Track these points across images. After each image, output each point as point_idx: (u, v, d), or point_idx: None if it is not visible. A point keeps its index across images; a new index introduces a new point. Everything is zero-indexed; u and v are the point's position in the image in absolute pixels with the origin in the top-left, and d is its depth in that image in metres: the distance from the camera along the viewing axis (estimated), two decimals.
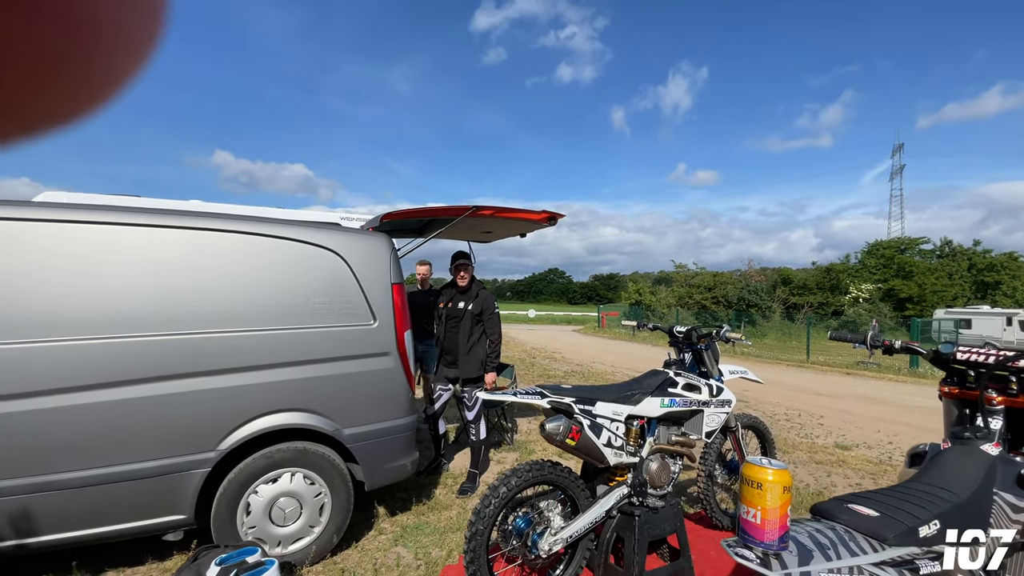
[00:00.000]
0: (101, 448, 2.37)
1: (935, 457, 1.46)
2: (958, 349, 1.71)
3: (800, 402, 8.53)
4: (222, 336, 2.61)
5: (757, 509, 0.94)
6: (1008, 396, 1.58)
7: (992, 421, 1.57)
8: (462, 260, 4.03)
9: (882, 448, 5.76)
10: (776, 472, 0.96)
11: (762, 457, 1.01)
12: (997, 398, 1.59)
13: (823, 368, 14.13)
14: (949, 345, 1.73)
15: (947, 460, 1.40)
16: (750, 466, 0.99)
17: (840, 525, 1.07)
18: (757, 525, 0.94)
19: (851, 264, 40.59)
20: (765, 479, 0.94)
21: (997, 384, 1.61)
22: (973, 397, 1.66)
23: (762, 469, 0.97)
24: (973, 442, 1.49)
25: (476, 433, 4.03)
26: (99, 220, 2.43)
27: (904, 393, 10.03)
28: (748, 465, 1.00)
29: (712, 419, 2.91)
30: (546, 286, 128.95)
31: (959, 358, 1.70)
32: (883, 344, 1.94)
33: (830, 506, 1.15)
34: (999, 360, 1.59)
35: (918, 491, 1.24)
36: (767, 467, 0.97)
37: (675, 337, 3.12)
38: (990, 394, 1.59)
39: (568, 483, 2.48)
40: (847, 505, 1.14)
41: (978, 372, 1.65)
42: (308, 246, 2.87)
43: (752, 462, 1.00)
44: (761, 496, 0.93)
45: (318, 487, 2.84)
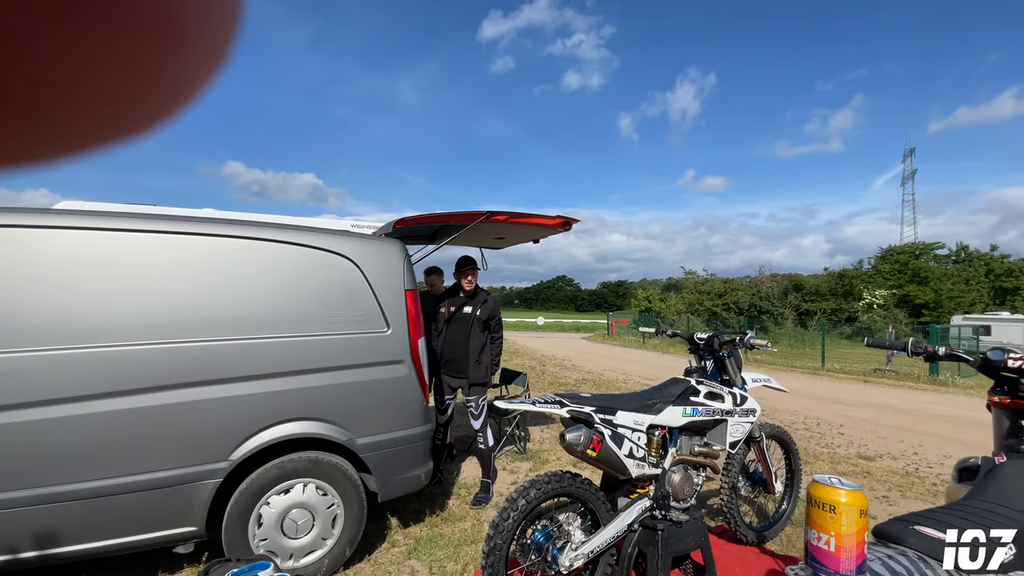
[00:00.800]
0: (111, 459, 2.33)
1: (992, 472, 1.36)
2: (1009, 356, 1.61)
3: (818, 410, 8.34)
4: (233, 344, 2.57)
5: (830, 535, 0.85)
6: None
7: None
8: (470, 265, 3.98)
9: (907, 459, 5.59)
10: (850, 493, 0.87)
11: (831, 476, 0.92)
12: None
13: (839, 376, 13.87)
14: (999, 352, 1.63)
15: (1007, 475, 1.31)
16: (820, 486, 0.90)
17: (911, 551, 0.99)
18: (831, 553, 0.85)
19: (864, 270, 40.05)
20: (838, 501, 0.85)
21: None
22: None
23: (834, 490, 0.88)
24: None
25: (484, 441, 3.95)
26: (111, 227, 2.41)
27: (925, 401, 9.79)
28: (817, 485, 0.91)
29: (736, 429, 2.80)
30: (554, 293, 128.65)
31: (1011, 365, 1.61)
32: (925, 351, 1.84)
33: (895, 529, 1.06)
34: None
35: (982, 510, 1.14)
36: (839, 487, 0.88)
37: (696, 344, 3.03)
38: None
39: (588, 495, 2.39)
40: (913, 527, 1.05)
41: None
42: (321, 252, 2.83)
43: (821, 481, 0.91)
44: (835, 520, 0.84)
45: (331, 498, 2.78)
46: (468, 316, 3.96)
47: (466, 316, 3.96)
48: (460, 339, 3.96)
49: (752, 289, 34.92)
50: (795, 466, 3.40)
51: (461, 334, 3.96)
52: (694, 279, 39.16)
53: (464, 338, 3.96)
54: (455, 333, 3.97)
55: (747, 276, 39.11)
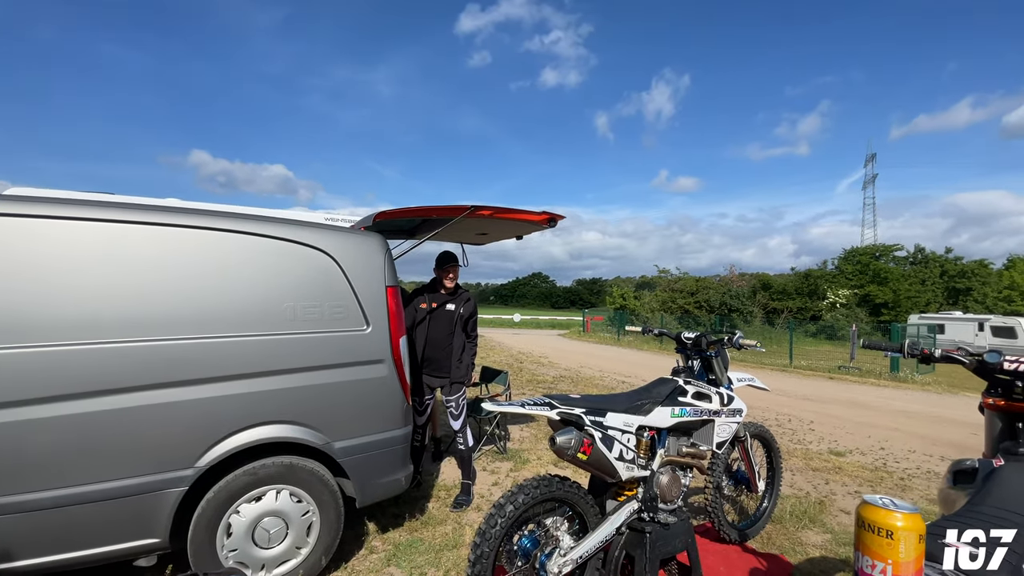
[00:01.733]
0: (65, 467, 2.14)
1: (992, 475, 1.35)
2: (1005, 358, 1.61)
3: (789, 407, 8.54)
4: (200, 343, 2.40)
5: (887, 563, 0.79)
6: None
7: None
8: (452, 261, 3.87)
9: (875, 454, 5.75)
10: (908, 517, 0.81)
11: (882, 496, 0.87)
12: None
13: (806, 372, 14.29)
14: (995, 354, 1.63)
15: (1010, 479, 1.30)
16: (873, 509, 0.84)
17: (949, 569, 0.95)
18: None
19: (828, 270, 41.47)
20: (895, 526, 0.80)
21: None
22: (1021, 409, 1.57)
23: (890, 514, 0.82)
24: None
25: (464, 442, 3.86)
26: (64, 215, 2.20)
27: (887, 397, 10.16)
28: (869, 507, 0.85)
29: (723, 429, 2.79)
30: (530, 290, 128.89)
31: (1006, 367, 1.61)
32: (921, 352, 1.84)
33: (930, 546, 1.02)
34: None
35: (995, 517, 1.12)
36: (895, 511, 0.82)
37: (683, 343, 3.00)
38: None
39: (577, 499, 2.33)
40: (939, 541, 1.02)
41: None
42: (296, 245, 2.68)
43: (873, 503, 0.85)
44: (892, 548, 0.78)
45: (305, 505, 2.64)
46: (451, 314, 3.85)
47: (449, 314, 3.85)
48: (442, 337, 3.85)
49: (723, 288, 35.74)
50: (776, 465, 3.43)
51: (443, 332, 3.85)
52: (667, 277, 39.86)
53: (447, 336, 3.86)
54: (437, 331, 3.85)
55: (718, 275, 40.04)
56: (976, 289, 35.93)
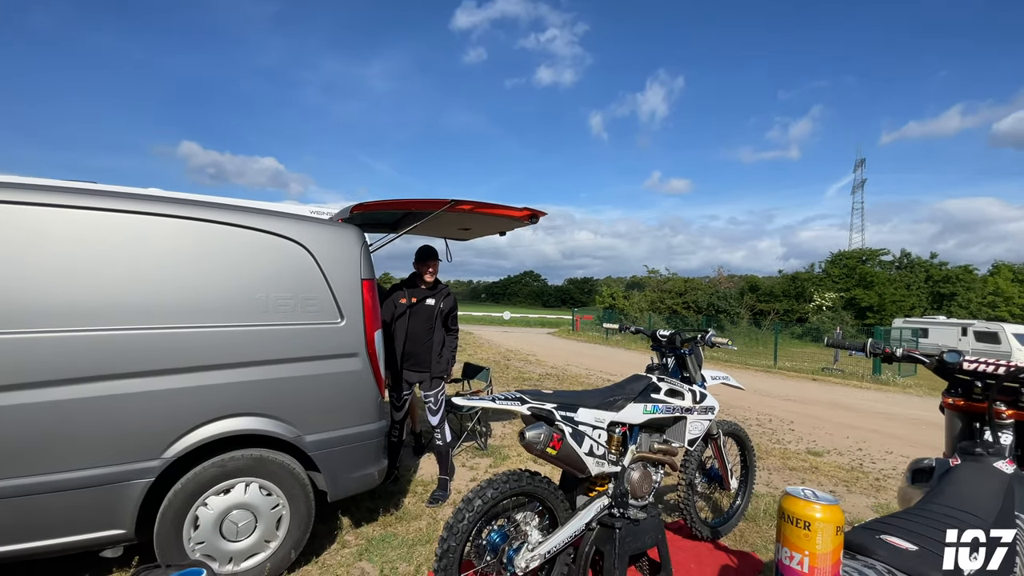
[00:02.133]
0: (27, 455, 2.10)
1: (946, 475, 1.37)
2: (964, 359, 1.64)
3: (770, 407, 8.63)
4: (170, 332, 2.36)
5: (804, 554, 0.80)
6: (1019, 410, 1.51)
7: (1002, 436, 1.50)
8: (432, 256, 3.87)
9: (853, 454, 5.83)
10: (827, 508, 0.81)
11: (804, 488, 0.87)
12: (1007, 411, 1.52)
13: (790, 374, 14.44)
14: (955, 354, 1.66)
15: (961, 478, 1.32)
16: (793, 500, 0.85)
17: (880, 563, 0.96)
18: (804, 574, 0.80)
19: (815, 273, 41.95)
20: (813, 517, 0.80)
21: (1006, 397, 1.54)
22: (980, 410, 1.59)
23: (808, 504, 0.82)
24: (985, 458, 1.41)
25: (441, 437, 3.86)
26: (29, 200, 2.16)
27: (868, 399, 10.29)
28: (791, 499, 0.86)
29: (695, 426, 2.81)
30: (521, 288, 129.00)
31: (965, 368, 1.63)
32: (883, 352, 1.86)
33: (863, 539, 1.03)
34: (1010, 371, 1.52)
35: (942, 515, 1.14)
36: (815, 502, 0.82)
37: (658, 341, 3.02)
38: (999, 407, 1.52)
39: (547, 494, 2.33)
40: (880, 537, 1.03)
41: (986, 383, 1.58)
42: (269, 236, 2.64)
43: (794, 494, 0.86)
44: (809, 539, 0.79)
45: (275, 498, 2.62)
46: (431, 309, 3.85)
47: (428, 309, 3.85)
48: (423, 332, 3.84)
49: (711, 289, 36.03)
50: (750, 463, 3.46)
51: (424, 327, 3.84)
52: (657, 278, 40.09)
53: (426, 332, 3.85)
54: (416, 326, 3.84)
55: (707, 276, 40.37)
56: (960, 294, 36.53)
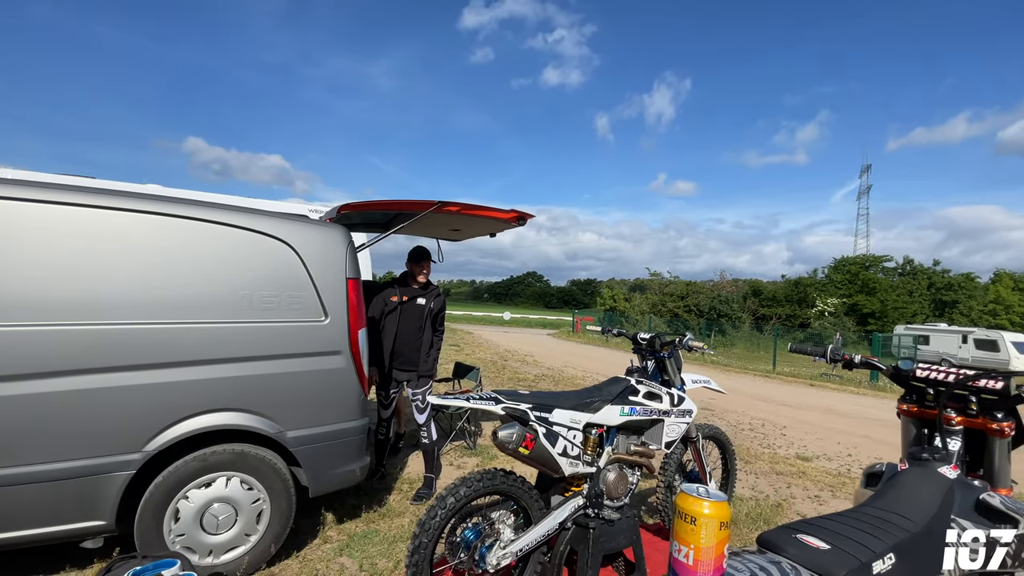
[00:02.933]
0: (9, 446, 2.15)
1: (891, 479, 1.40)
2: (918, 366, 1.66)
3: (764, 412, 8.63)
4: (154, 327, 2.41)
5: (689, 548, 0.83)
6: (967, 416, 1.54)
7: (951, 442, 1.53)
8: (426, 256, 3.93)
9: (841, 460, 5.84)
10: (713, 505, 0.85)
11: (699, 486, 0.90)
12: (956, 418, 1.54)
13: (788, 379, 14.42)
14: (908, 362, 1.68)
15: (903, 482, 1.34)
16: (684, 497, 0.88)
17: (786, 560, 0.98)
18: (688, 566, 0.83)
19: (819, 278, 41.85)
20: (700, 513, 0.84)
21: (957, 403, 1.57)
22: (932, 416, 1.62)
23: (697, 501, 0.86)
24: (931, 463, 1.44)
25: (428, 436, 3.90)
26: (9, 196, 2.20)
27: (864, 406, 10.28)
28: (682, 496, 0.89)
29: (672, 429, 2.83)
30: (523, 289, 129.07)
31: (918, 375, 1.66)
32: (843, 358, 1.89)
33: (777, 537, 1.06)
34: (959, 379, 1.55)
35: (873, 517, 1.16)
36: (703, 499, 0.86)
37: (638, 344, 3.05)
38: (949, 414, 1.54)
39: (521, 493, 2.37)
40: (796, 536, 1.06)
41: (937, 390, 1.60)
42: (254, 234, 2.69)
43: (687, 492, 0.89)
44: (695, 533, 0.82)
45: (256, 493, 2.66)
46: (421, 308, 3.90)
47: (419, 308, 3.90)
48: (412, 332, 3.89)
49: (713, 293, 35.96)
50: (731, 466, 3.48)
51: (414, 326, 3.89)
52: (659, 280, 40.05)
53: (417, 331, 3.90)
54: (407, 325, 3.89)
55: (710, 280, 40.28)
56: (962, 302, 36.39)
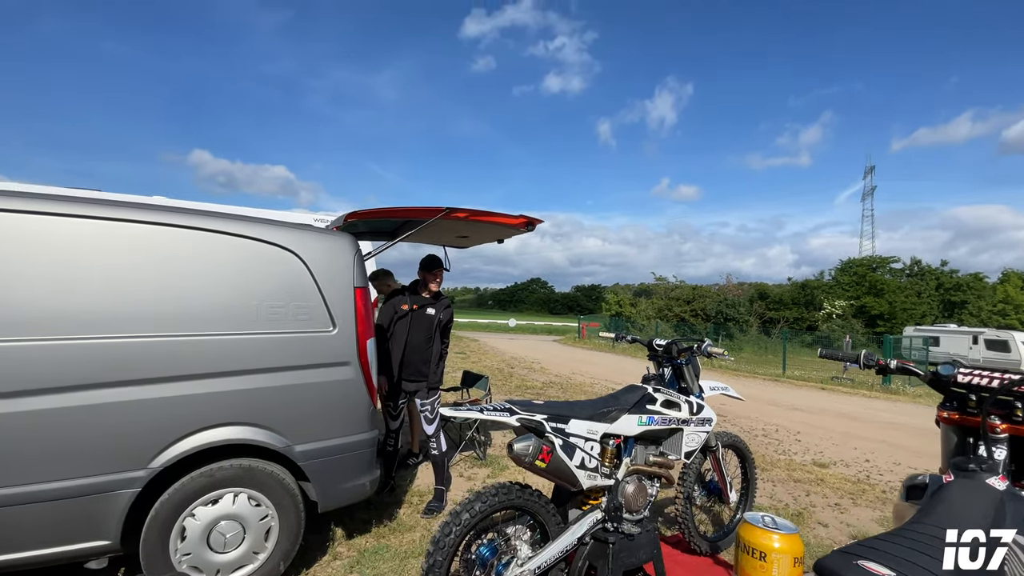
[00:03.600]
0: (11, 464, 2.09)
1: (938, 492, 1.32)
2: (959, 371, 1.58)
3: (777, 417, 8.49)
4: (158, 341, 2.35)
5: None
6: (1013, 424, 1.45)
7: (996, 451, 1.44)
8: (439, 265, 3.87)
9: (859, 466, 5.70)
10: (785, 538, 0.78)
11: (764, 514, 0.83)
12: (1001, 425, 1.46)
13: (799, 383, 14.23)
14: (949, 367, 1.60)
15: (951, 496, 1.26)
16: (751, 528, 0.81)
17: None
18: None
19: (825, 281, 41.51)
20: (770, 547, 0.77)
21: (1001, 410, 1.48)
22: (974, 424, 1.53)
23: (766, 533, 0.79)
24: (978, 475, 1.35)
25: (437, 447, 3.81)
26: (16, 209, 2.16)
27: (877, 409, 10.11)
28: (748, 527, 0.82)
29: (692, 438, 2.74)
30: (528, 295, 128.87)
31: (960, 381, 1.57)
32: (877, 363, 1.80)
33: (837, 565, 0.98)
34: (1004, 384, 1.47)
35: (927, 536, 1.08)
36: (772, 531, 0.78)
37: (654, 351, 2.97)
38: (993, 421, 1.46)
39: (537, 508, 2.28)
40: (857, 563, 0.98)
41: (980, 396, 1.52)
42: (261, 244, 2.63)
43: (753, 522, 0.82)
44: (765, 570, 0.75)
45: (264, 509, 2.59)
46: (431, 319, 3.83)
47: (429, 318, 3.83)
48: (422, 342, 3.83)
49: (719, 296, 35.75)
50: (750, 475, 3.38)
51: (423, 336, 3.83)
52: (664, 285, 39.86)
53: (426, 341, 3.84)
54: (416, 335, 3.82)
55: (716, 284, 40.07)
56: (971, 302, 35.97)
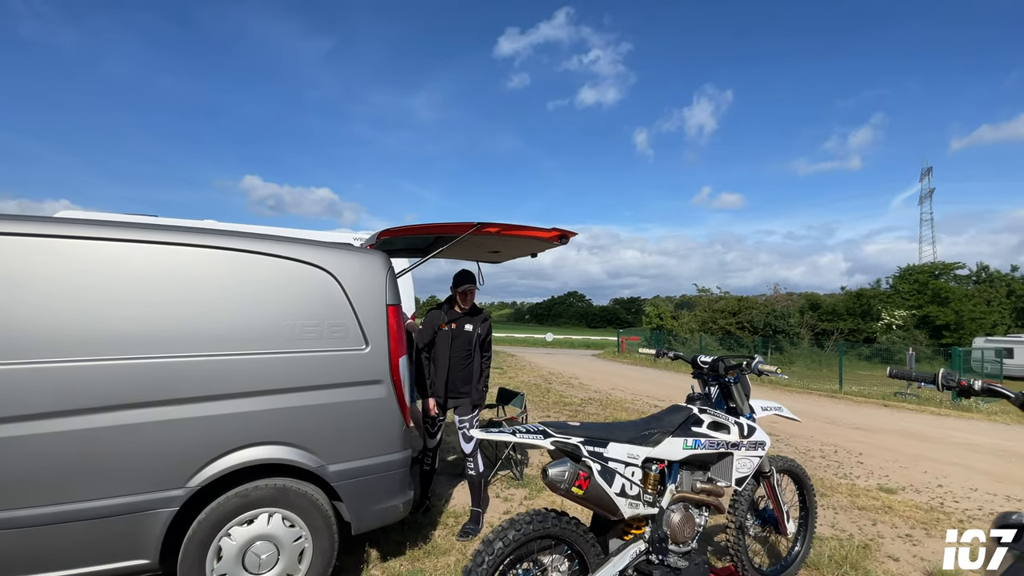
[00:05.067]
0: (55, 483, 2.14)
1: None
2: None
3: (836, 437, 7.93)
4: (195, 361, 2.38)
5: None
6: None
7: None
8: (470, 281, 3.80)
9: (931, 492, 5.21)
10: None
11: None
12: None
13: (858, 399, 13.35)
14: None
15: None
16: None
17: None
18: None
19: (883, 289, 39.15)
20: None
21: None
22: None
23: None
24: None
25: (475, 467, 3.71)
26: (57, 234, 2.25)
27: (948, 428, 9.31)
28: None
29: (743, 463, 2.55)
30: (565, 309, 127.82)
31: None
32: (959, 384, 1.58)
33: None
34: None
35: None
36: None
37: (699, 368, 2.79)
38: None
39: (575, 537, 2.14)
40: None
41: None
42: (295, 263, 2.65)
43: None
44: None
45: (298, 530, 2.56)
46: (470, 335, 3.78)
47: (468, 334, 3.78)
48: (462, 358, 3.79)
49: (766, 308, 34.28)
50: (810, 504, 3.11)
51: (462, 353, 3.79)
52: (708, 296, 38.60)
53: (466, 358, 3.80)
54: (457, 352, 3.77)
55: (762, 294, 38.50)
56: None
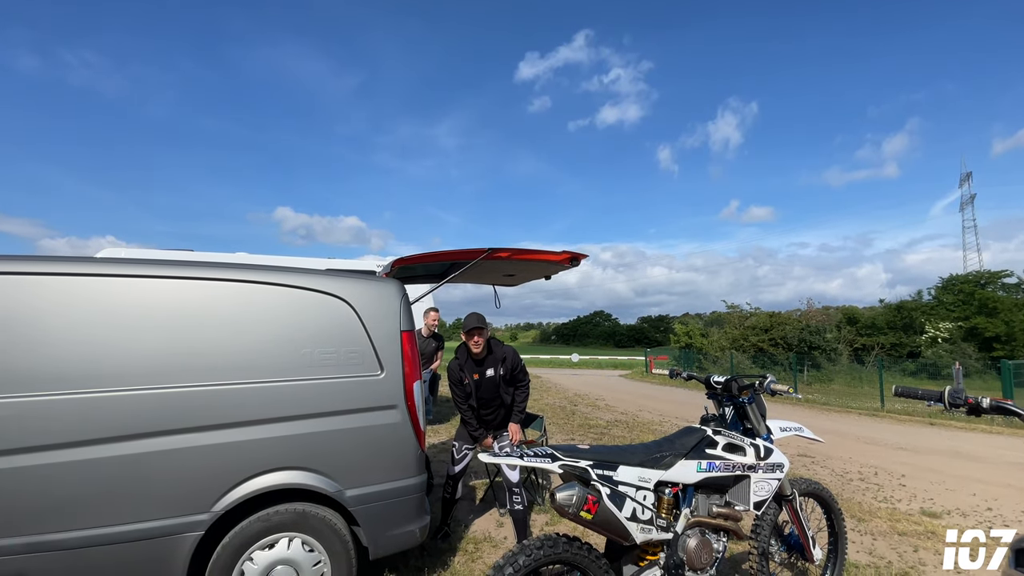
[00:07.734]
0: (85, 508, 2.26)
1: None
2: None
3: (876, 458, 7.57)
4: (218, 389, 2.50)
5: None
6: None
7: None
8: (475, 325, 3.68)
9: (979, 516, 4.90)
10: None
11: None
12: None
13: (901, 417, 12.70)
14: None
15: None
16: None
17: None
18: None
19: (925, 301, 37.37)
20: None
21: None
22: None
23: None
24: None
25: (520, 500, 3.64)
26: (87, 272, 2.41)
27: (1000, 447, 8.75)
28: None
29: (761, 486, 2.49)
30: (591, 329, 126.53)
31: None
32: (966, 403, 1.53)
33: None
34: None
35: None
36: None
37: (713, 388, 2.76)
38: None
39: (588, 563, 2.13)
40: None
41: None
42: (313, 293, 2.77)
43: None
44: None
45: (317, 555, 2.61)
46: (493, 378, 3.81)
47: (491, 380, 3.82)
48: (491, 399, 3.87)
49: (801, 323, 33.13)
50: (838, 529, 2.99)
51: (491, 395, 3.86)
52: (738, 313, 37.56)
53: (495, 398, 3.87)
54: (485, 395, 3.84)
55: (796, 309, 37.25)
56: None
